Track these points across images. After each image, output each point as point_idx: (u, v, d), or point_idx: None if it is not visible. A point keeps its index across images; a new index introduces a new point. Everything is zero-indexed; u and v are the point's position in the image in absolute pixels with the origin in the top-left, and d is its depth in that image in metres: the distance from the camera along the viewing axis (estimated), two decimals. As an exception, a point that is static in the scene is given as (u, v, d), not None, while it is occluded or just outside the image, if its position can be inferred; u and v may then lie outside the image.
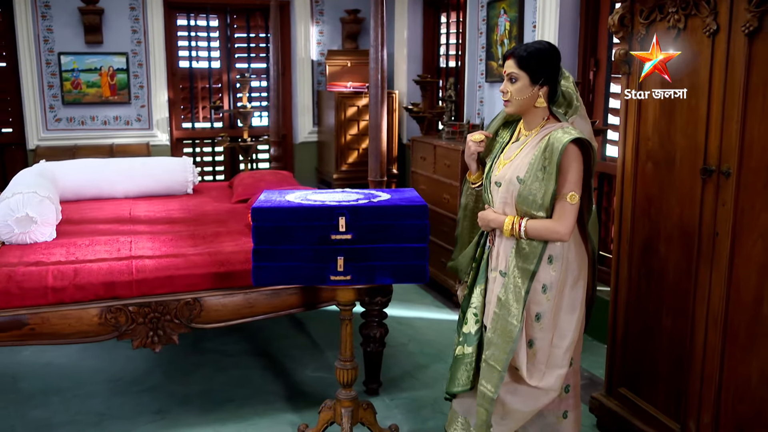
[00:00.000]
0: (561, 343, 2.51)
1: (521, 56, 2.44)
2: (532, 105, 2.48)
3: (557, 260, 2.46)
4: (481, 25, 5.58)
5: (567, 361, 2.52)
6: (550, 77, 2.46)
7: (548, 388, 2.50)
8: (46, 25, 6.35)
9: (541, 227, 2.41)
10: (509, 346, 2.44)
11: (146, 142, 6.68)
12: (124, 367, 3.94)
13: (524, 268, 2.45)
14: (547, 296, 2.47)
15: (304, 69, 7.26)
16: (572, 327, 2.51)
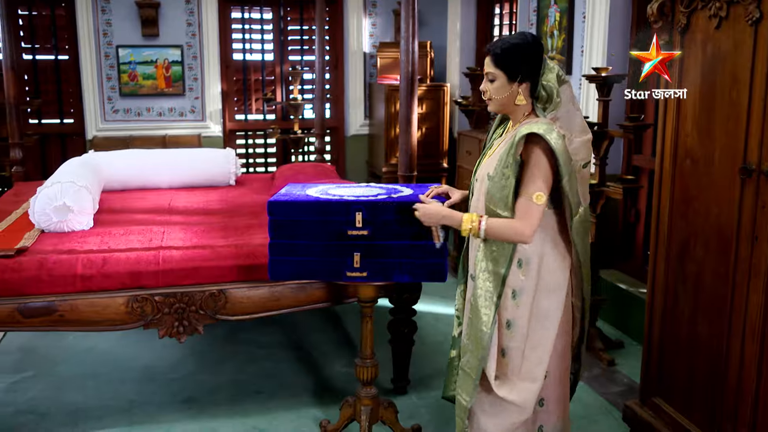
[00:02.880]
0: (532, 354, 2.34)
1: (496, 54, 2.32)
2: (513, 103, 2.35)
3: (528, 264, 2.32)
4: (531, 16, 5.42)
5: (539, 374, 2.36)
6: (530, 73, 2.31)
7: (517, 403, 2.35)
8: (105, 19, 6.53)
9: (502, 226, 2.27)
10: (480, 353, 2.34)
11: (198, 133, 6.80)
12: (160, 355, 4.01)
13: (495, 272, 2.33)
14: (517, 303, 2.33)
15: (356, 61, 7.24)
16: (545, 338, 2.34)
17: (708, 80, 2.61)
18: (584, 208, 2.37)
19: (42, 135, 6.71)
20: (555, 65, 2.36)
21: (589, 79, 3.87)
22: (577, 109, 2.42)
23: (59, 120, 6.84)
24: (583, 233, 2.37)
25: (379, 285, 2.88)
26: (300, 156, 7.04)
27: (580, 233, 2.35)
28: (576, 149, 2.36)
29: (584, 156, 2.41)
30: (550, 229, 2.34)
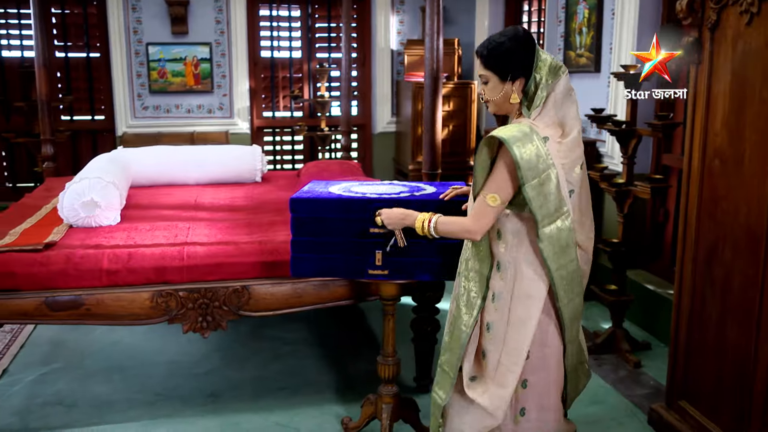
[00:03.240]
0: (505, 360, 2.29)
1: (483, 55, 2.28)
2: (508, 102, 2.29)
3: (506, 269, 2.28)
4: (560, 13, 5.36)
5: (510, 382, 2.29)
6: (522, 69, 2.24)
7: (485, 407, 2.31)
8: (135, 17, 6.61)
9: (450, 223, 2.33)
10: (458, 352, 2.35)
11: (226, 130, 6.85)
12: (185, 349, 4.05)
13: (481, 273, 2.33)
14: (495, 306, 2.31)
15: (384, 59, 7.22)
16: (519, 346, 2.27)
17: (738, 78, 2.56)
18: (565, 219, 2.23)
19: (73, 131, 6.82)
20: (548, 56, 2.27)
21: (618, 76, 3.82)
22: (573, 102, 2.29)
23: (90, 117, 6.95)
24: (560, 247, 2.22)
25: (401, 283, 2.87)
26: (327, 153, 7.06)
27: (556, 245, 2.21)
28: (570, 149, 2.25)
29: (578, 154, 2.28)
30: (524, 235, 2.26)
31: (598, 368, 3.82)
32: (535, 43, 2.28)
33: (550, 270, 2.21)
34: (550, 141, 2.21)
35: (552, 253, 2.21)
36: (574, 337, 2.35)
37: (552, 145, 2.22)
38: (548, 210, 2.18)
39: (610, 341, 3.98)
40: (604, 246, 4.00)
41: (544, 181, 2.16)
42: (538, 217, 2.18)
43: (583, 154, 2.30)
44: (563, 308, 2.26)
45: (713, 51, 2.68)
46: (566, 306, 2.27)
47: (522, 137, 2.15)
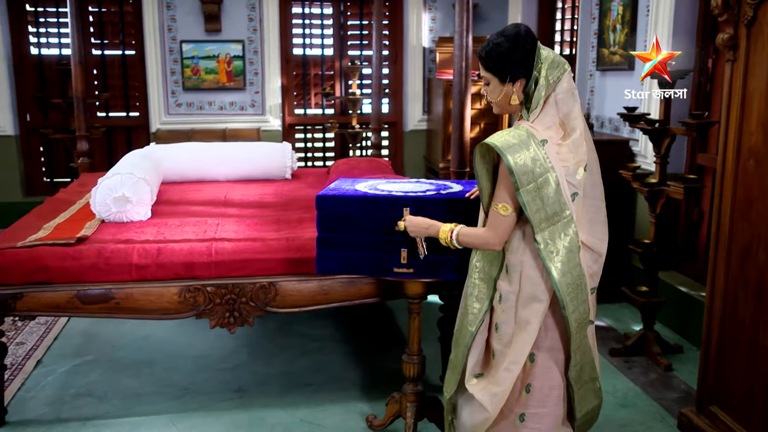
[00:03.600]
0: (505, 359, 2.29)
1: (482, 57, 2.28)
2: (509, 103, 2.28)
3: (513, 271, 2.27)
4: (594, 10, 5.29)
5: (505, 382, 2.27)
6: (520, 69, 2.22)
7: (482, 403, 2.31)
8: (170, 15, 6.68)
9: (472, 235, 2.35)
10: (463, 350, 2.38)
11: (258, 127, 6.90)
12: (214, 344, 4.09)
13: (489, 274, 2.35)
14: (502, 307, 2.31)
15: (416, 56, 7.20)
16: (519, 348, 2.26)
17: (775, 76, 2.49)
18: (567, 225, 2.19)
19: (109, 128, 6.93)
20: (550, 53, 2.23)
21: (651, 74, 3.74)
22: (575, 101, 2.25)
23: (125, 113, 7.05)
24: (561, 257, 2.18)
25: (427, 282, 2.86)
26: (357, 150, 7.07)
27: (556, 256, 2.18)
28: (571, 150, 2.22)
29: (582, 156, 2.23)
30: (529, 239, 2.24)
31: (627, 371, 3.76)
32: (536, 41, 2.24)
33: (553, 277, 2.18)
34: (549, 144, 2.19)
35: (552, 258, 2.18)
36: (578, 347, 2.29)
37: (551, 147, 2.19)
38: (546, 214, 2.17)
39: (640, 343, 3.91)
40: (635, 247, 3.94)
41: (541, 185, 2.14)
42: (533, 222, 2.17)
43: (587, 155, 2.25)
44: (569, 317, 2.22)
45: (749, 48, 2.62)
46: (572, 314, 2.22)
47: (517, 143, 2.14)
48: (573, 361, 2.29)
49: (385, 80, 7.31)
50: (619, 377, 3.69)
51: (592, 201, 2.32)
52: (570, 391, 2.34)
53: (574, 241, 2.20)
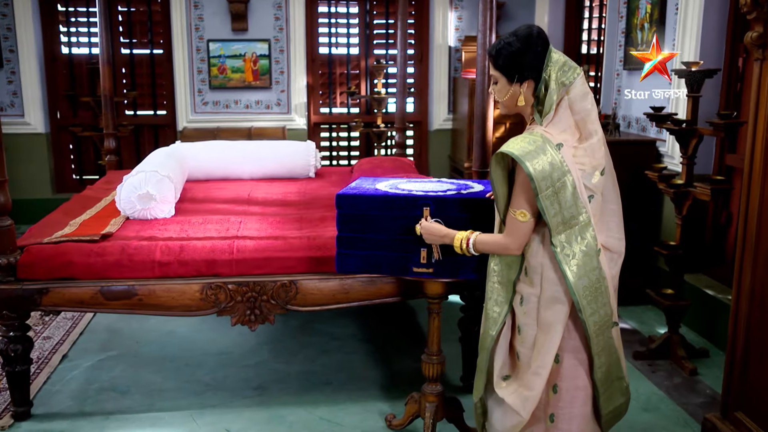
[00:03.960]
0: (533, 363, 2.29)
1: (491, 55, 2.27)
2: (515, 105, 2.27)
3: (534, 273, 2.26)
4: (621, 8, 5.22)
5: (536, 385, 2.27)
6: (528, 70, 2.20)
7: (513, 407, 2.31)
8: (197, 15, 6.75)
9: (489, 242, 2.34)
10: (486, 354, 2.38)
11: (283, 126, 6.93)
12: (235, 341, 4.11)
13: (508, 276, 2.33)
14: (524, 310, 2.30)
15: (441, 55, 7.18)
16: (545, 350, 2.25)
17: (804, 75, 2.44)
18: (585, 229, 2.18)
19: (136, 126, 7.02)
20: (561, 57, 2.21)
21: (678, 74, 3.69)
22: (591, 105, 2.23)
23: (153, 112, 7.13)
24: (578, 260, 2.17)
25: (447, 282, 2.85)
26: (382, 150, 7.07)
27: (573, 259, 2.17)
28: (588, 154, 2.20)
29: (598, 161, 2.22)
30: (548, 241, 2.22)
31: (651, 374, 3.71)
32: (547, 43, 2.23)
33: (569, 281, 2.17)
34: (564, 147, 2.18)
35: (569, 261, 2.17)
36: (602, 349, 2.28)
37: (567, 150, 2.18)
38: (563, 217, 2.16)
39: (665, 347, 3.86)
40: (660, 248, 3.88)
41: (558, 189, 2.13)
42: (551, 226, 2.16)
43: (604, 159, 2.24)
44: (587, 320, 2.21)
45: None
46: (590, 317, 2.21)
47: (533, 149, 2.13)
48: (597, 363, 2.28)
49: (411, 79, 7.29)
50: (643, 381, 3.64)
51: (608, 204, 2.31)
52: (596, 392, 2.33)
53: (591, 244, 2.20)
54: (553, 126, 2.20)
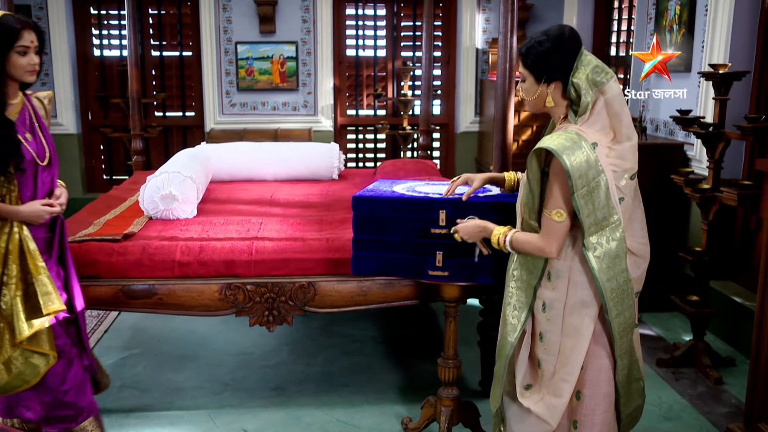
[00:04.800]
0: (560, 370, 2.24)
1: (522, 53, 2.23)
2: (542, 105, 2.24)
3: (558, 278, 2.21)
4: (650, 9, 5.15)
5: (565, 392, 2.23)
6: (557, 71, 2.18)
7: (540, 416, 2.26)
8: (226, 17, 6.81)
9: (526, 242, 2.23)
10: (504, 361, 2.32)
11: (309, 127, 6.96)
12: (256, 342, 4.14)
13: (528, 282, 2.27)
14: (547, 316, 2.24)
15: (468, 57, 7.15)
16: (574, 356, 2.21)
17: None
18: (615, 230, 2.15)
19: (165, 127, 7.11)
20: (592, 59, 2.19)
21: (705, 76, 3.62)
22: (625, 109, 2.20)
23: (182, 113, 7.22)
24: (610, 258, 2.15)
25: (464, 285, 2.83)
26: (408, 152, 7.06)
27: (604, 258, 2.14)
28: (621, 154, 2.18)
29: (627, 164, 2.20)
30: (578, 243, 2.19)
31: (675, 382, 3.64)
32: (580, 45, 2.20)
33: (598, 281, 2.15)
34: (599, 146, 2.15)
35: (601, 264, 2.15)
36: (625, 351, 2.26)
37: (601, 150, 2.15)
38: (596, 218, 2.13)
39: (690, 354, 3.79)
40: (686, 254, 3.81)
41: (593, 188, 2.10)
42: (584, 226, 2.13)
43: (636, 165, 2.22)
44: (612, 321, 2.19)
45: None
46: (615, 319, 2.19)
47: (571, 145, 2.10)
48: (620, 366, 2.27)
49: (438, 81, 7.28)
50: (666, 389, 3.57)
51: (635, 207, 2.28)
52: (617, 396, 2.31)
53: (621, 246, 2.17)
54: (588, 126, 2.18)
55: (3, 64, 2.42)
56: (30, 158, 2.51)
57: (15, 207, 2.49)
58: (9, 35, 2.40)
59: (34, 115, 2.64)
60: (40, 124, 2.65)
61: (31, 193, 2.55)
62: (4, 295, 2.47)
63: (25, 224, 2.51)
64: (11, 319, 2.47)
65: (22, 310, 2.48)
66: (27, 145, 2.52)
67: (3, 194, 2.49)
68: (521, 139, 6.51)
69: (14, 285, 2.48)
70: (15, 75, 2.46)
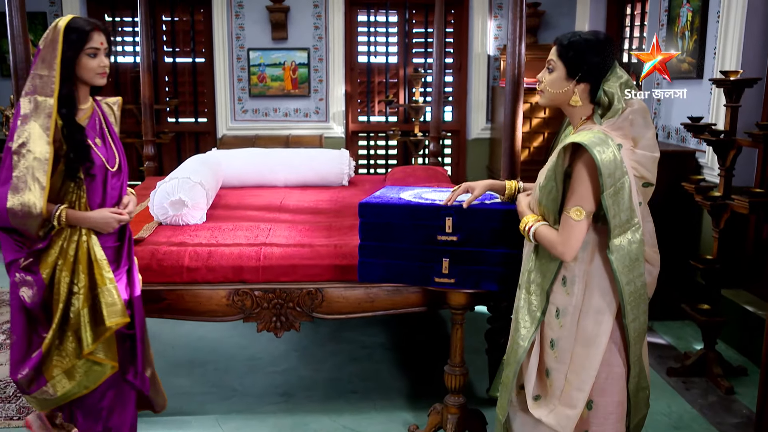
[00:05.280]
0: (574, 379, 2.19)
1: (563, 44, 2.18)
2: (566, 102, 2.20)
3: (573, 283, 2.17)
4: (662, 16, 5.12)
5: (579, 401, 2.19)
6: (592, 73, 2.15)
7: (553, 427, 2.21)
8: (238, 24, 6.86)
9: (545, 238, 2.19)
10: (514, 368, 2.26)
11: (321, 134, 6.98)
12: (265, 348, 4.15)
13: (542, 286, 2.22)
14: (560, 322, 2.19)
15: (480, 64, 7.15)
16: (589, 363, 2.17)
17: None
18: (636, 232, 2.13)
19: (178, 133, 7.16)
20: (624, 73, 2.18)
21: (717, 83, 3.60)
22: (648, 124, 2.19)
23: (194, 119, 7.26)
24: (630, 260, 2.12)
25: (471, 293, 2.82)
26: (419, 158, 7.06)
27: (626, 258, 2.12)
28: (639, 162, 2.16)
29: (646, 173, 2.19)
30: (596, 247, 2.16)
31: (685, 392, 3.61)
32: (615, 56, 2.19)
33: (620, 284, 2.12)
34: (623, 149, 2.13)
35: (622, 266, 2.12)
36: (638, 358, 2.23)
37: (625, 152, 2.13)
38: (620, 220, 2.10)
39: (700, 364, 3.75)
40: (697, 262, 3.78)
41: (619, 188, 2.07)
42: (611, 227, 2.09)
43: (654, 178, 2.22)
44: (629, 326, 2.16)
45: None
46: (631, 323, 2.17)
47: (599, 142, 2.07)
48: (632, 373, 2.24)
49: (449, 88, 7.29)
50: (676, 398, 3.54)
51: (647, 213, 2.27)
52: (628, 404, 2.28)
53: (640, 249, 2.15)
54: (612, 129, 2.15)
55: (73, 67, 2.38)
56: (100, 164, 2.46)
57: (84, 213, 2.44)
58: (79, 37, 2.36)
59: (104, 121, 2.59)
60: (109, 130, 2.60)
61: (100, 199, 2.50)
62: (72, 304, 2.42)
63: (94, 232, 2.46)
64: (78, 328, 2.43)
65: (89, 321, 2.43)
66: (97, 151, 2.47)
67: (72, 200, 2.44)
68: (532, 146, 6.50)
69: (83, 296, 2.42)
70: (85, 78, 2.43)
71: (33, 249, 2.40)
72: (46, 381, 2.44)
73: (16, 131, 2.31)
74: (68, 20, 2.37)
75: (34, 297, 2.39)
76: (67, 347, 2.44)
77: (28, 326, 2.46)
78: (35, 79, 2.34)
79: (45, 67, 2.33)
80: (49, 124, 2.30)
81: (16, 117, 2.33)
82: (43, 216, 2.31)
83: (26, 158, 2.28)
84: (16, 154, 2.29)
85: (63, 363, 2.44)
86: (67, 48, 2.33)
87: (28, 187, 2.28)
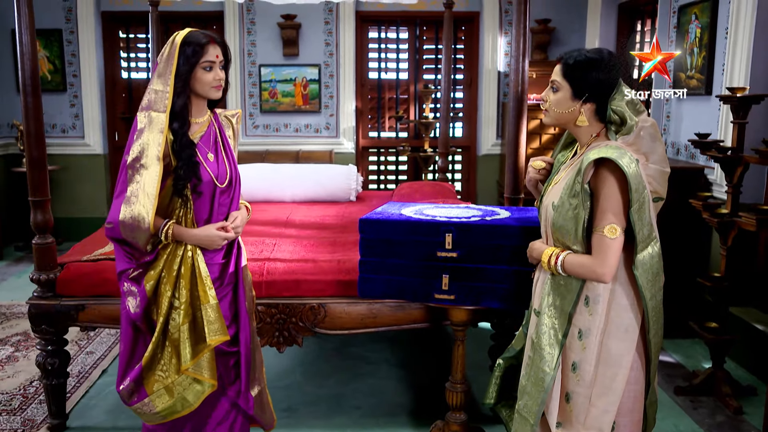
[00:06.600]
0: (598, 401, 2.12)
1: (567, 64, 2.13)
2: (572, 122, 2.16)
3: (596, 303, 2.10)
4: (671, 32, 5.11)
5: (606, 424, 2.11)
6: (599, 94, 2.11)
7: None
8: (250, 40, 6.92)
9: (578, 264, 2.09)
10: (540, 397, 2.15)
11: (331, 149, 7.01)
12: (269, 362, 4.11)
13: (562, 308, 2.14)
14: (583, 344, 2.11)
15: (490, 80, 7.16)
16: (614, 384, 2.10)
17: None
18: (654, 245, 2.11)
19: (190, 148, 7.20)
20: (630, 93, 2.14)
21: (723, 99, 3.58)
22: (659, 141, 2.17)
23: (206, 134, 7.30)
24: (653, 274, 2.10)
25: (473, 309, 2.81)
26: (429, 174, 7.06)
27: (649, 272, 2.09)
28: (651, 176, 2.14)
29: (658, 187, 2.17)
30: (620, 264, 2.10)
31: (693, 411, 3.56)
32: (620, 74, 2.16)
33: (644, 299, 2.08)
34: (639, 163, 2.10)
35: (646, 281, 2.09)
36: (654, 374, 2.20)
37: (641, 167, 2.10)
38: (643, 235, 2.07)
39: (709, 383, 3.70)
40: (705, 280, 3.74)
41: (642, 203, 2.04)
42: (637, 241, 2.05)
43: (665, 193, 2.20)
44: (651, 341, 2.13)
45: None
46: (653, 338, 2.14)
47: (623, 155, 2.02)
48: (651, 388, 2.21)
49: (460, 104, 7.30)
50: (683, 417, 3.49)
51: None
52: (645, 421, 2.25)
53: (660, 263, 2.13)
54: (626, 145, 2.12)
55: (188, 80, 2.33)
56: (208, 180, 2.40)
57: (190, 230, 2.39)
58: (194, 51, 2.30)
59: (220, 134, 2.53)
60: (224, 144, 2.54)
61: (207, 215, 2.44)
62: (173, 319, 2.39)
63: (201, 248, 2.41)
64: (178, 344, 2.38)
65: (188, 338, 2.38)
66: (207, 167, 2.40)
67: (179, 216, 2.40)
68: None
69: (183, 311, 2.37)
70: (200, 91, 2.36)
71: (141, 261, 2.40)
72: (146, 394, 2.41)
73: (132, 146, 2.30)
74: (185, 34, 2.33)
75: (137, 307, 2.39)
76: (167, 362, 2.41)
77: (134, 337, 2.45)
78: (151, 94, 2.32)
79: (161, 82, 2.30)
80: (161, 139, 2.28)
81: (133, 131, 2.32)
82: (151, 231, 2.29)
83: (139, 172, 2.28)
84: (130, 168, 2.29)
85: (163, 378, 2.41)
86: (182, 62, 2.29)
87: (139, 200, 2.26)
